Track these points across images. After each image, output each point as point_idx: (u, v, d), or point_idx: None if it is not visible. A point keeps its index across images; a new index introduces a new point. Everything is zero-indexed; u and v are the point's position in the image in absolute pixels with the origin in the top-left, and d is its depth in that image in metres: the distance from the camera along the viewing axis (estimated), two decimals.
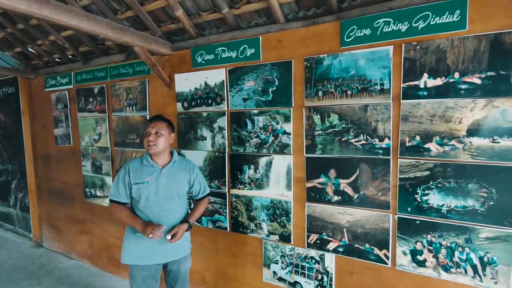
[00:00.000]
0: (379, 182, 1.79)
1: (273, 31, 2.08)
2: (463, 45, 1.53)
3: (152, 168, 1.85)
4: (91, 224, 3.47)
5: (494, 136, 1.49)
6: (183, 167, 1.95)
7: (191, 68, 2.47)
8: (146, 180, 1.81)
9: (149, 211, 1.83)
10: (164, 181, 1.85)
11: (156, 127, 1.82)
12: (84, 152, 3.37)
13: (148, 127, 1.83)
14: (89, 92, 3.23)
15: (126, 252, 1.85)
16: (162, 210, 1.83)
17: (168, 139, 1.87)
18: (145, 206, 1.82)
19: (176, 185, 1.89)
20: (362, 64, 1.78)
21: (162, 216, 1.83)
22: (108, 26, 2.02)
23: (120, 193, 1.83)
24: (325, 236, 2.00)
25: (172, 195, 1.87)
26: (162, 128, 1.83)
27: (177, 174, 1.91)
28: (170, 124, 1.92)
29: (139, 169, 1.85)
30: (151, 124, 1.84)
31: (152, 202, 1.82)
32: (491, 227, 1.53)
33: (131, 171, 1.83)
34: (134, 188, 1.82)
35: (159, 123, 1.85)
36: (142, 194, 1.81)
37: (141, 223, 1.76)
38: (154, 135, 1.80)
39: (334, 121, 1.90)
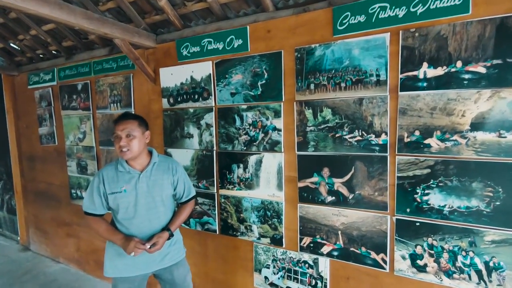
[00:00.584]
0: (376, 181, 1.66)
1: (261, 20, 1.94)
2: (466, 30, 1.40)
3: (129, 175, 1.64)
4: (77, 227, 3.33)
5: (500, 130, 1.36)
6: (165, 168, 1.75)
7: (176, 61, 2.33)
8: (123, 189, 1.61)
9: (129, 222, 1.65)
10: (144, 188, 1.65)
11: (125, 129, 1.57)
12: (69, 152, 3.23)
13: (116, 131, 1.58)
14: (72, 88, 3.08)
15: (109, 264, 1.70)
16: (144, 220, 1.65)
17: (143, 139, 1.65)
18: (124, 217, 1.65)
19: (158, 190, 1.69)
20: (356, 54, 1.65)
21: (144, 228, 1.65)
22: (84, 16, 1.87)
23: (95, 204, 1.63)
24: (318, 239, 1.87)
25: (155, 202, 1.69)
26: (133, 129, 1.59)
27: (158, 177, 1.70)
28: (141, 121, 1.68)
29: (114, 176, 1.64)
30: (119, 127, 1.58)
31: (132, 213, 1.64)
32: (498, 229, 1.40)
33: (105, 179, 1.62)
34: (110, 198, 1.62)
35: (128, 124, 1.59)
36: (121, 204, 1.62)
37: (122, 238, 1.59)
38: (125, 138, 1.56)
39: (327, 116, 1.76)
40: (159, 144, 2.51)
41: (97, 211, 1.64)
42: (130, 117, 1.65)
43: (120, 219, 1.66)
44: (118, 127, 1.58)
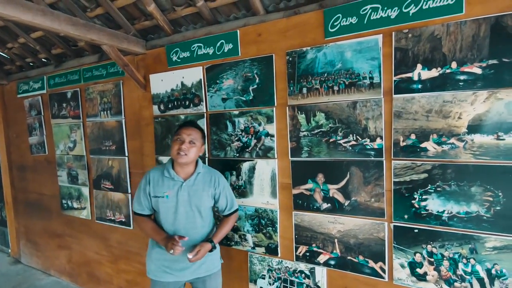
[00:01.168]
0: (372, 187, 1.61)
1: (252, 23, 1.90)
2: (460, 30, 1.36)
3: (172, 181, 1.68)
4: (69, 238, 3.25)
5: (498, 132, 1.32)
6: (207, 180, 1.74)
7: (166, 67, 2.28)
8: (165, 194, 1.67)
9: (166, 226, 1.70)
10: (185, 196, 1.67)
11: (191, 135, 1.64)
12: (60, 161, 3.15)
13: (182, 134, 1.63)
14: (62, 97, 3.02)
15: (149, 266, 1.77)
16: (181, 228, 1.68)
17: (199, 151, 1.70)
18: (164, 222, 1.71)
19: (198, 201, 1.69)
20: (349, 57, 1.60)
21: (182, 235, 1.64)
22: (69, 22, 1.82)
23: (143, 205, 1.72)
24: (314, 247, 1.80)
25: (194, 212, 1.70)
26: (197, 138, 1.67)
27: (199, 187, 1.71)
28: (204, 134, 1.77)
29: (159, 180, 1.69)
30: (186, 131, 1.65)
31: (171, 219, 1.68)
32: (499, 235, 1.35)
33: (151, 181, 1.70)
34: (153, 201, 1.70)
35: (194, 132, 1.67)
36: (161, 208, 1.68)
37: (165, 237, 1.63)
38: (187, 143, 1.62)
39: (321, 121, 1.71)
40: (150, 152, 2.45)
41: (145, 212, 1.72)
42: (196, 126, 1.73)
43: (160, 222, 1.72)
44: (184, 131, 1.65)
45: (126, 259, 2.76)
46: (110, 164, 2.72)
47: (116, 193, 2.71)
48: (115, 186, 2.71)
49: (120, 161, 2.64)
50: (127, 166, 2.61)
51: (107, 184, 2.77)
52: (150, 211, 1.74)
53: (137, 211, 1.74)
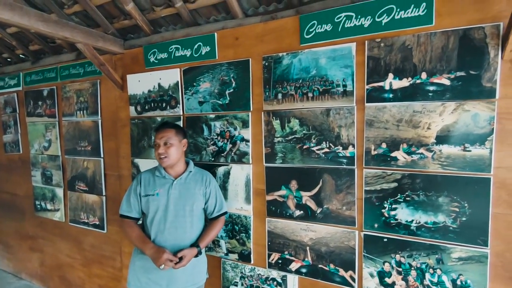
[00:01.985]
0: (344, 195, 1.60)
1: (230, 27, 1.88)
2: (430, 42, 1.37)
3: (164, 179, 1.69)
4: (42, 241, 3.14)
5: (465, 143, 1.33)
6: (199, 179, 1.73)
7: (144, 68, 2.23)
8: (156, 192, 1.66)
9: (155, 226, 1.65)
10: (176, 194, 1.66)
11: (164, 137, 1.63)
12: (34, 161, 3.05)
13: (156, 139, 1.65)
14: (38, 94, 2.93)
15: (132, 277, 1.68)
16: (171, 226, 1.63)
17: (180, 147, 1.68)
18: (152, 221, 1.65)
19: (189, 199, 1.67)
20: (323, 64, 1.60)
21: (169, 234, 1.63)
22: (39, 19, 1.76)
23: (132, 206, 1.68)
24: (287, 255, 1.78)
25: (184, 211, 1.66)
26: (171, 137, 1.64)
27: (191, 186, 1.70)
28: (178, 129, 1.72)
29: (151, 180, 1.70)
30: (159, 135, 1.65)
31: (160, 217, 1.64)
32: (464, 246, 1.35)
33: (142, 181, 1.70)
34: (143, 201, 1.67)
35: (166, 132, 1.65)
36: (151, 207, 1.65)
37: (152, 247, 1.57)
38: (163, 146, 1.62)
39: (295, 127, 1.70)
40: (126, 154, 2.39)
41: (132, 214, 1.68)
42: (168, 126, 1.70)
43: (148, 222, 1.67)
44: (157, 135, 1.66)
45: (99, 263, 2.68)
46: (85, 165, 2.64)
47: (90, 195, 2.64)
48: (89, 187, 2.64)
49: (95, 162, 2.57)
50: (103, 167, 2.54)
51: (82, 186, 2.69)
52: (138, 214, 1.70)
53: (124, 213, 1.69)
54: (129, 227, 1.67)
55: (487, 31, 1.26)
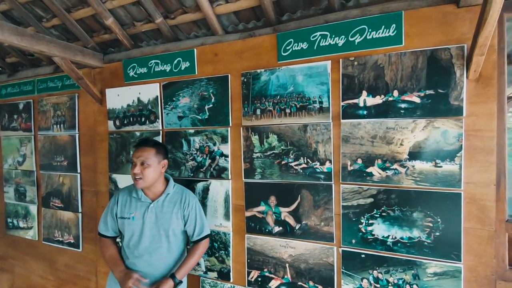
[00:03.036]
0: (322, 210, 1.60)
1: (209, 43, 1.90)
2: (400, 61, 1.42)
3: (140, 202, 1.59)
4: (12, 261, 2.97)
5: (436, 159, 1.36)
6: (177, 201, 1.61)
7: (123, 82, 2.21)
8: (132, 216, 1.57)
9: (130, 251, 1.58)
10: (152, 218, 1.57)
11: (141, 156, 1.51)
12: (7, 177, 2.92)
13: (133, 157, 1.54)
14: (13, 108, 2.84)
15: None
16: (145, 253, 1.56)
17: (158, 169, 1.55)
18: (128, 244, 1.59)
19: (166, 224, 1.57)
20: (300, 80, 1.63)
21: (143, 261, 1.55)
22: (14, 32, 1.73)
23: (108, 225, 1.62)
24: (266, 272, 1.75)
25: (161, 236, 1.57)
26: (149, 157, 1.51)
27: (168, 209, 1.58)
28: (160, 149, 1.58)
29: (127, 200, 1.61)
30: (136, 153, 1.53)
31: (136, 242, 1.56)
32: (439, 261, 1.37)
33: (119, 201, 1.62)
34: (119, 222, 1.60)
35: (145, 151, 1.52)
36: (126, 230, 1.58)
37: (122, 270, 1.52)
38: (139, 166, 1.50)
39: (273, 143, 1.71)
40: (103, 170, 2.33)
41: (109, 233, 1.63)
42: (148, 144, 1.57)
43: (124, 245, 1.61)
44: (135, 154, 1.54)
45: (73, 284, 2.55)
46: (61, 181, 2.55)
47: (66, 212, 2.54)
48: (65, 204, 2.54)
49: (71, 178, 2.49)
50: (79, 183, 2.46)
51: (57, 202, 2.58)
52: (115, 233, 1.65)
53: (102, 232, 1.64)
54: (105, 246, 1.62)
55: (453, 52, 1.32)
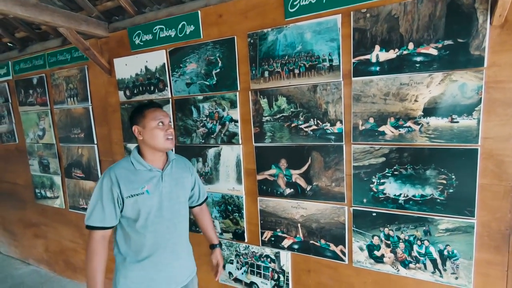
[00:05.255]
0: (333, 171, 1.60)
1: (213, 4, 1.81)
2: (417, 10, 1.31)
3: (149, 173, 1.37)
4: (44, 227, 3.21)
5: (452, 115, 1.30)
6: (183, 166, 1.54)
7: (130, 51, 2.19)
8: (145, 190, 1.34)
9: (151, 230, 1.36)
10: (167, 188, 1.41)
11: (167, 117, 1.40)
12: (30, 150, 3.07)
13: (161, 117, 1.36)
14: (28, 83, 2.90)
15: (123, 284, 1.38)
16: (170, 225, 1.41)
17: None
18: (145, 224, 1.34)
19: (181, 190, 1.48)
20: (308, 38, 1.55)
21: (169, 234, 1.41)
22: (17, 3, 1.71)
23: (106, 213, 1.28)
24: (279, 232, 1.81)
25: (179, 204, 1.47)
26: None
27: (180, 175, 1.48)
28: None
29: (130, 176, 1.34)
30: (162, 112, 1.39)
31: (155, 218, 1.36)
32: (451, 217, 1.36)
33: (119, 180, 1.30)
34: (128, 203, 1.31)
35: (165, 112, 1.42)
36: (143, 208, 1.33)
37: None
38: (170, 126, 1.40)
39: (282, 105, 1.68)
40: (118, 140, 2.39)
41: (107, 223, 1.29)
42: (162, 107, 1.47)
43: (139, 227, 1.34)
44: (160, 113, 1.38)
45: None
46: (80, 152, 2.66)
47: (87, 181, 2.67)
48: (86, 174, 2.66)
49: (89, 149, 2.58)
50: (97, 154, 2.55)
51: (78, 173, 2.71)
52: (114, 220, 1.32)
53: (95, 224, 1.28)
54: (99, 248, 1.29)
55: None
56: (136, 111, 1.40)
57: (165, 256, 1.41)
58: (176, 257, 1.46)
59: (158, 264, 1.39)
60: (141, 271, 1.37)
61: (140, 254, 1.37)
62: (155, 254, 1.38)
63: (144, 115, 1.36)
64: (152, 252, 1.38)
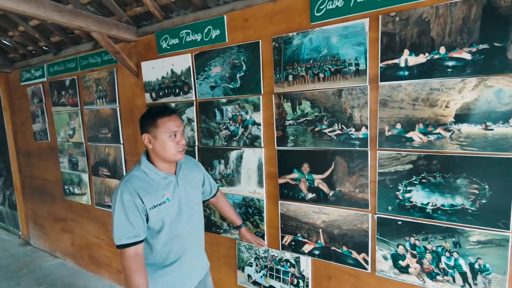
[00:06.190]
0: (357, 177, 1.57)
1: (239, 8, 1.84)
2: (450, 13, 1.27)
3: (165, 180, 1.36)
4: (72, 222, 3.36)
5: (486, 122, 1.25)
6: (190, 167, 1.54)
7: (157, 54, 2.26)
8: (165, 198, 1.33)
9: (175, 236, 1.38)
10: (182, 191, 1.42)
11: (181, 126, 1.35)
12: (61, 148, 3.23)
13: (173, 127, 1.30)
14: (61, 84, 3.06)
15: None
16: (190, 228, 1.44)
17: None
18: (169, 231, 1.36)
19: (195, 191, 1.51)
20: (334, 42, 1.54)
21: (191, 236, 1.46)
22: (54, 9, 1.82)
23: (135, 227, 1.25)
24: (300, 237, 1.79)
25: (196, 205, 1.50)
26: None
27: (191, 176, 1.50)
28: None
29: (147, 187, 1.30)
30: (176, 122, 1.32)
31: (176, 223, 1.38)
32: (484, 229, 1.30)
33: (140, 192, 1.27)
34: (152, 214, 1.29)
35: (180, 120, 1.37)
36: (166, 217, 1.33)
37: None
38: (183, 137, 1.36)
39: (306, 109, 1.67)
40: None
41: (139, 237, 1.26)
42: (175, 113, 1.38)
43: (163, 237, 1.35)
44: (175, 123, 1.31)
45: None
46: (107, 152, 2.76)
47: (112, 179, 2.77)
48: (111, 172, 2.76)
49: (115, 148, 2.68)
50: (123, 153, 2.64)
51: (105, 171, 2.82)
52: (145, 232, 1.30)
53: (129, 241, 1.23)
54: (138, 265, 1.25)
55: None
56: (148, 117, 1.31)
57: (190, 256, 1.46)
58: (198, 255, 1.54)
59: (184, 265, 1.44)
60: (169, 275, 1.40)
61: (167, 260, 1.39)
62: (181, 258, 1.42)
63: (157, 125, 1.28)
64: (179, 256, 1.42)
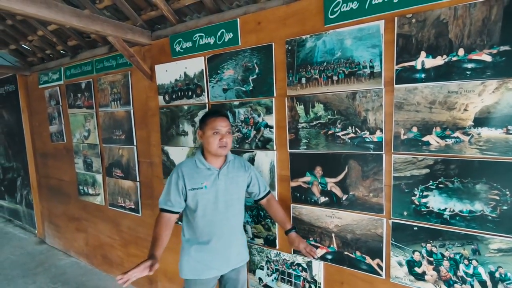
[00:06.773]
0: (371, 181, 1.54)
1: (252, 11, 1.85)
2: (469, 14, 1.24)
3: (208, 171, 1.61)
4: (85, 222, 3.42)
5: (508, 125, 1.21)
6: (240, 165, 1.72)
7: (170, 58, 2.29)
8: (203, 185, 1.59)
9: (207, 220, 1.62)
10: (222, 185, 1.63)
11: (227, 126, 1.59)
12: (76, 149, 3.30)
13: (219, 127, 1.56)
14: (77, 87, 3.14)
15: (186, 267, 1.65)
16: (223, 218, 1.64)
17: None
18: (203, 214, 1.61)
19: (235, 188, 1.68)
20: (348, 44, 1.52)
21: (223, 225, 1.64)
22: (73, 14, 1.86)
23: (172, 201, 1.57)
24: (312, 241, 1.77)
25: (233, 200, 1.67)
26: (230, 128, 1.64)
27: (235, 174, 1.68)
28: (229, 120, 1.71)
29: (193, 172, 1.60)
30: (222, 122, 1.57)
31: (211, 210, 1.61)
32: (505, 236, 1.25)
33: (185, 175, 1.58)
34: (190, 195, 1.58)
35: (226, 121, 1.61)
36: (200, 201, 1.59)
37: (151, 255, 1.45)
38: (227, 135, 1.58)
39: (319, 112, 1.66)
40: (156, 142, 2.50)
41: (174, 208, 1.58)
42: (225, 115, 1.66)
43: (198, 217, 1.61)
44: (220, 123, 1.57)
45: (136, 244, 2.87)
46: (120, 153, 2.81)
47: (126, 181, 2.81)
48: (125, 174, 2.81)
49: (129, 150, 2.72)
50: (136, 155, 2.68)
51: (118, 172, 2.87)
52: (179, 207, 1.60)
53: (165, 207, 1.58)
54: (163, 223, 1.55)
55: None
56: (204, 116, 1.64)
57: (220, 243, 1.65)
58: (229, 245, 1.68)
59: (214, 249, 1.64)
60: (201, 253, 1.64)
61: (200, 238, 1.64)
62: (212, 241, 1.63)
63: (206, 123, 1.59)
64: (209, 238, 1.63)
